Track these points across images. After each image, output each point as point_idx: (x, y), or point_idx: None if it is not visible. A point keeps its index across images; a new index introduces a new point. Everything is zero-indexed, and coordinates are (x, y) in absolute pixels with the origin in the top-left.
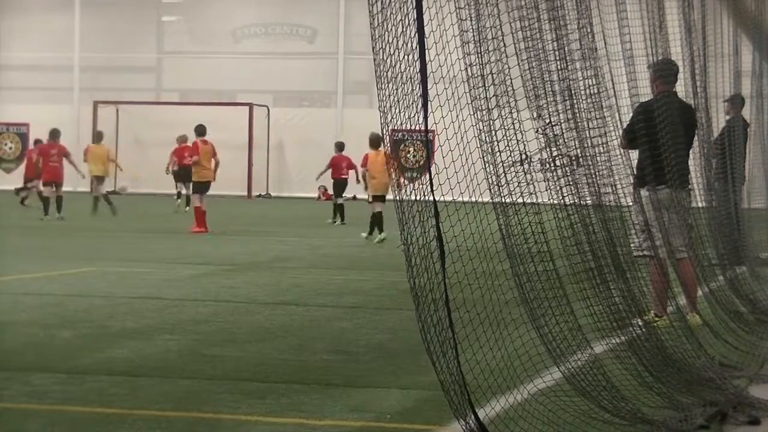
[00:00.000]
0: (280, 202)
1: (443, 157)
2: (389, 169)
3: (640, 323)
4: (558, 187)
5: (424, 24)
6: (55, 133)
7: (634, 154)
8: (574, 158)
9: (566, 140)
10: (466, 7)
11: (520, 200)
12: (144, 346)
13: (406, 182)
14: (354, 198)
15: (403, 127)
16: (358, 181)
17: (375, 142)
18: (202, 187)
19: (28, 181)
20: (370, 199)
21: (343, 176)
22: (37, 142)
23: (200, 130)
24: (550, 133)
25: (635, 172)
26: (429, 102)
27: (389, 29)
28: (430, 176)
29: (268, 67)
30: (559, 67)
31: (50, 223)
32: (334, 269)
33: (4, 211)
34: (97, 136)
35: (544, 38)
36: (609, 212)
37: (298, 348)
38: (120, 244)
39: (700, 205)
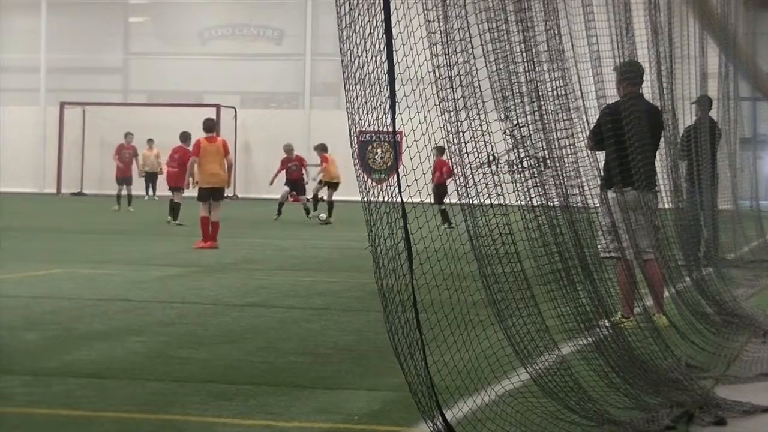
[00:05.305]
0: (247, 204)
1: (411, 159)
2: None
3: (607, 324)
4: (525, 189)
5: (392, 25)
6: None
7: (601, 156)
8: (541, 160)
9: (534, 142)
10: (434, 8)
11: (487, 202)
12: (111, 348)
13: (374, 183)
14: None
15: (371, 129)
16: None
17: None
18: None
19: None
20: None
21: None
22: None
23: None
24: (518, 135)
25: (602, 174)
26: (397, 103)
27: (357, 30)
28: (398, 177)
29: (236, 69)
30: (526, 68)
31: (15, 225)
32: (301, 270)
33: None
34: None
35: (512, 40)
36: (576, 213)
37: (266, 350)
38: (87, 246)
39: (667, 206)
